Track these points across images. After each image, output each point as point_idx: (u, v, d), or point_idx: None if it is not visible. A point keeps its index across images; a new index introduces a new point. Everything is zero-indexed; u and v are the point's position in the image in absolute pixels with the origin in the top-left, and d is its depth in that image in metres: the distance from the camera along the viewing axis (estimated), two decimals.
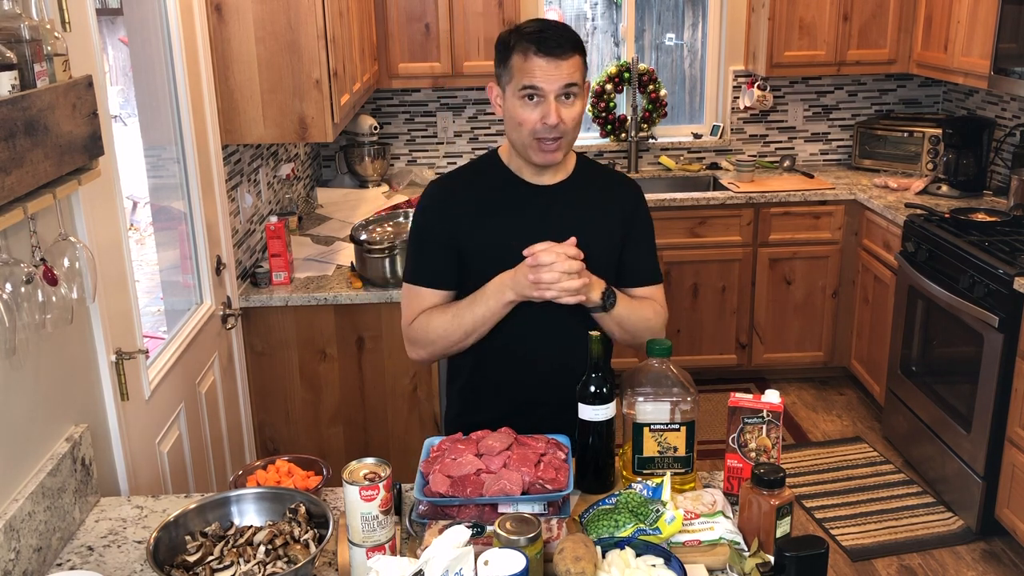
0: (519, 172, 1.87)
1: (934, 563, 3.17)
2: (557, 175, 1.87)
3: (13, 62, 1.41)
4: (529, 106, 1.73)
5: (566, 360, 1.83)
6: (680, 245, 4.30)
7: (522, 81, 1.72)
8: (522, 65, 1.72)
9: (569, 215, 1.85)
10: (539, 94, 1.72)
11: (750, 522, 1.51)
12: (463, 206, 1.86)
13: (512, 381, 1.91)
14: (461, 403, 2.00)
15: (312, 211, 4.08)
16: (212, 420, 2.66)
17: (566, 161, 1.88)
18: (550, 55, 1.71)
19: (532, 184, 1.86)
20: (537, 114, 1.73)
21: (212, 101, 2.77)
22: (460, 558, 1.25)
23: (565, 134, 1.76)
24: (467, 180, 1.93)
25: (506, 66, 1.76)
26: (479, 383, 1.95)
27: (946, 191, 4.18)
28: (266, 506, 1.57)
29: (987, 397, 3.16)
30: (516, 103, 1.75)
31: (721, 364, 4.50)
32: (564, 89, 1.73)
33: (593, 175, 1.94)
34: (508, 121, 1.79)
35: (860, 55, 4.42)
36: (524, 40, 1.73)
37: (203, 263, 2.69)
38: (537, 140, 1.75)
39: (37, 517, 1.55)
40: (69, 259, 1.65)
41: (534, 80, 1.71)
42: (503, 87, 1.79)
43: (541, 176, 1.86)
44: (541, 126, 1.73)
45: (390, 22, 4.18)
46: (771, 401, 1.67)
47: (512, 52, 1.74)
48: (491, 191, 1.87)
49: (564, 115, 1.73)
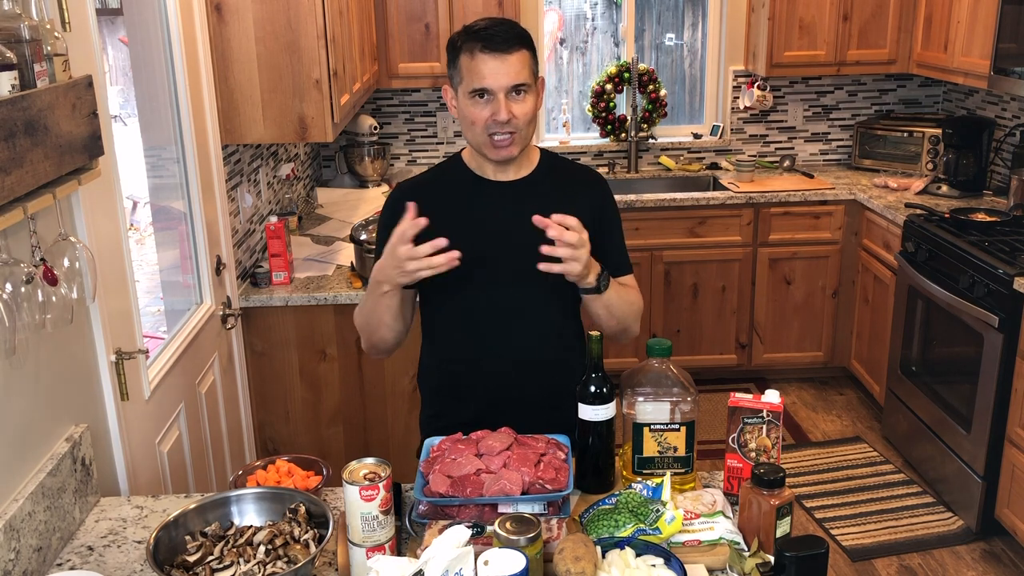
0: (481, 171, 1.88)
1: (934, 563, 3.17)
2: (520, 171, 1.88)
3: (13, 62, 1.41)
4: (480, 104, 1.75)
5: (535, 356, 1.85)
6: (680, 245, 4.30)
7: (471, 83, 1.74)
8: (469, 65, 1.74)
9: (533, 210, 1.83)
10: (488, 93, 1.74)
11: (750, 522, 1.51)
12: (425, 206, 1.87)
13: (481, 382, 1.90)
14: (437, 404, 2.00)
15: (312, 211, 4.08)
16: (212, 420, 2.66)
17: (529, 157, 1.90)
18: (496, 51, 1.72)
19: (494, 182, 1.88)
20: (488, 111, 1.75)
21: (212, 101, 2.77)
22: (460, 558, 1.26)
23: (518, 129, 1.77)
24: (430, 181, 1.95)
25: (456, 67, 1.78)
26: (449, 383, 1.95)
27: (946, 191, 4.18)
28: (266, 506, 1.57)
29: (987, 397, 3.16)
30: (467, 103, 1.77)
31: (721, 364, 4.50)
32: (513, 87, 1.74)
33: (558, 170, 1.94)
34: (462, 121, 1.81)
35: (860, 55, 4.42)
36: (470, 39, 1.75)
37: (203, 263, 2.69)
38: (490, 136, 1.77)
39: (37, 517, 1.55)
40: (69, 259, 1.65)
41: (483, 82, 1.73)
42: (455, 88, 1.81)
43: (503, 173, 1.87)
44: (492, 123, 1.75)
45: (390, 22, 4.18)
46: (771, 401, 1.67)
47: (460, 53, 1.76)
48: (453, 190, 1.89)
49: (515, 111, 1.75)
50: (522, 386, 1.87)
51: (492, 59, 1.73)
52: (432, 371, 1.99)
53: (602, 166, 4.84)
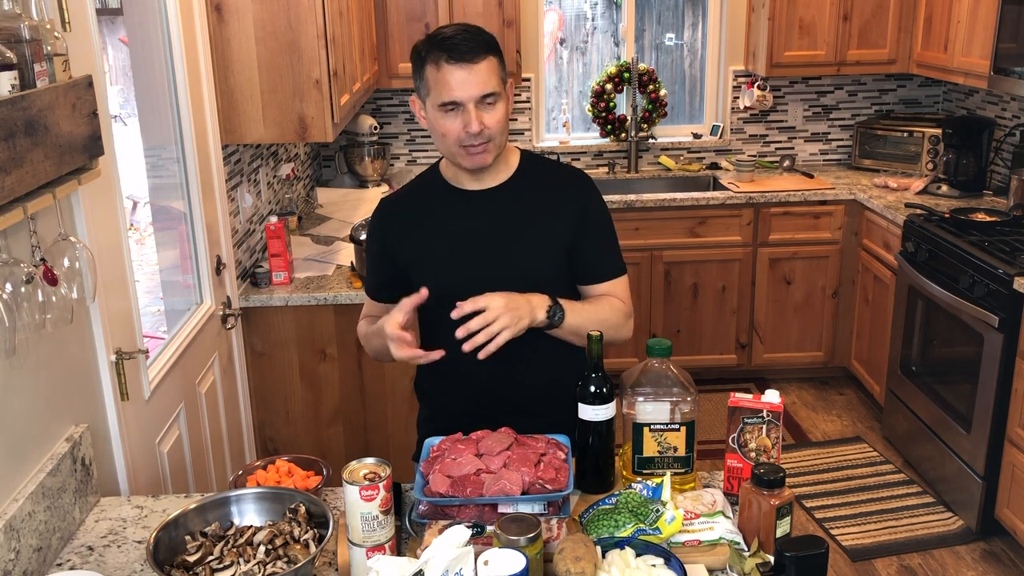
0: (456, 181, 1.85)
1: (934, 563, 3.17)
2: (497, 178, 1.84)
3: (13, 62, 1.41)
4: (450, 116, 1.71)
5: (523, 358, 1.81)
6: (680, 245, 4.30)
7: (440, 96, 1.70)
8: (436, 77, 1.70)
9: (510, 217, 1.83)
10: (458, 105, 1.70)
11: (750, 522, 1.51)
12: (403, 220, 1.87)
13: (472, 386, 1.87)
14: (431, 406, 2.00)
15: (312, 211, 4.08)
16: (212, 420, 2.66)
17: (507, 161, 1.86)
18: (462, 62, 1.67)
19: (470, 191, 1.84)
20: (459, 123, 1.71)
21: (212, 101, 2.77)
22: (460, 558, 1.25)
23: (492, 137, 1.73)
24: (409, 194, 1.94)
25: (422, 78, 1.74)
26: (440, 389, 1.94)
27: (946, 191, 4.18)
28: (266, 506, 1.57)
29: (987, 397, 3.16)
30: (437, 115, 1.73)
31: (721, 364, 4.50)
32: (482, 96, 1.70)
33: (538, 173, 1.90)
34: (433, 133, 1.77)
35: (860, 55, 4.42)
36: (434, 49, 1.70)
37: (203, 263, 2.69)
38: (463, 147, 1.73)
39: (37, 517, 1.55)
40: (69, 259, 1.65)
41: (451, 95, 1.69)
42: (423, 99, 1.77)
43: (479, 182, 1.84)
44: (465, 134, 1.71)
45: (390, 22, 4.18)
46: (771, 401, 1.67)
47: (425, 63, 1.71)
48: (431, 202, 1.87)
49: (486, 120, 1.71)
50: (512, 389, 1.84)
51: (459, 70, 1.67)
52: (425, 375, 1.98)
53: (602, 166, 4.84)
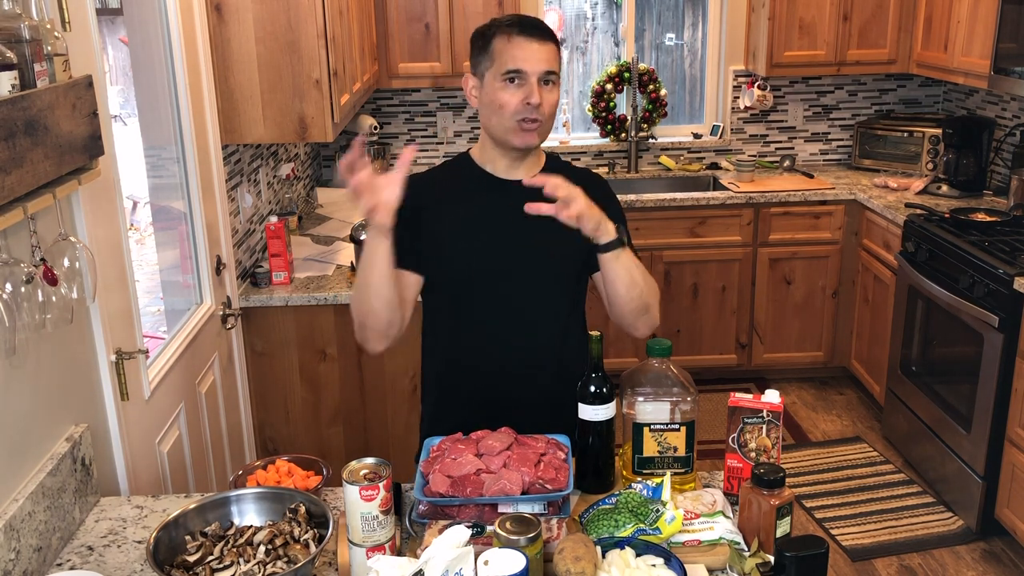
0: (491, 169, 1.89)
1: (934, 563, 3.17)
2: (530, 171, 1.88)
3: (13, 62, 1.41)
4: (511, 88, 1.75)
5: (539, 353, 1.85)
6: (680, 245, 4.30)
7: (505, 65, 1.75)
8: (505, 47, 1.75)
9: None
10: (521, 77, 1.74)
11: (750, 522, 1.51)
12: (433, 195, 1.89)
13: (484, 381, 1.89)
14: (440, 404, 1.98)
15: (312, 211, 4.08)
16: (212, 420, 2.66)
17: (538, 157, 1.91)
18: (532, 36, 1.75)
19: (504, 180, 1.88)
20: (520, 95, 1.75)
21: (212, 101, 2.77)
22: (460, 558, 1.25)
23: (544, 118, 1.78)
24: (440, 175, 1.97)
25: (487, 52, 1.78)
26: (451, 382, 1.94)
27: (946, 191, 4.18)
28: (266, 506, 1.57)
29: (987, 397, 3.16)
30: (497, 87, 1.76)
31: (721, 364, 4.50)
32: (545, 74, 1.76)
33: (562, 173, 1.92)
34: (488, 107, 1.80)
35: (860, 55, 4.42)
36: (505, 26, 1.77)
37: (203, 263, 2.69)
38: (519, 122, 1.77)
39: (37, 517, 1.55)
40: (69, 259, 1.65)
41: (517, 63, 1.74)
42: (481, 75, 1.81)
43: (512, 171, 1.87)
44: (524, 106, 1.75)
45: (390, 22, 4.18)
46: (771, 401, 1.67)
47: (493, 38, 1.77)
48: (462, 185, 1.90)
49: (545, 98, 1.76)
50: (525, 385, 1.86)
51: (529, 42, 1.74)
52: (434, 370, 1.98)
53: (602, 166, 4.84)
